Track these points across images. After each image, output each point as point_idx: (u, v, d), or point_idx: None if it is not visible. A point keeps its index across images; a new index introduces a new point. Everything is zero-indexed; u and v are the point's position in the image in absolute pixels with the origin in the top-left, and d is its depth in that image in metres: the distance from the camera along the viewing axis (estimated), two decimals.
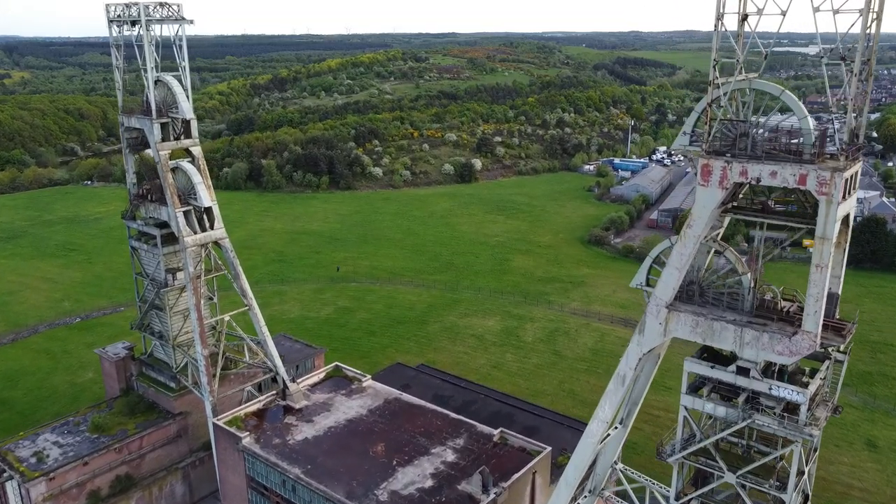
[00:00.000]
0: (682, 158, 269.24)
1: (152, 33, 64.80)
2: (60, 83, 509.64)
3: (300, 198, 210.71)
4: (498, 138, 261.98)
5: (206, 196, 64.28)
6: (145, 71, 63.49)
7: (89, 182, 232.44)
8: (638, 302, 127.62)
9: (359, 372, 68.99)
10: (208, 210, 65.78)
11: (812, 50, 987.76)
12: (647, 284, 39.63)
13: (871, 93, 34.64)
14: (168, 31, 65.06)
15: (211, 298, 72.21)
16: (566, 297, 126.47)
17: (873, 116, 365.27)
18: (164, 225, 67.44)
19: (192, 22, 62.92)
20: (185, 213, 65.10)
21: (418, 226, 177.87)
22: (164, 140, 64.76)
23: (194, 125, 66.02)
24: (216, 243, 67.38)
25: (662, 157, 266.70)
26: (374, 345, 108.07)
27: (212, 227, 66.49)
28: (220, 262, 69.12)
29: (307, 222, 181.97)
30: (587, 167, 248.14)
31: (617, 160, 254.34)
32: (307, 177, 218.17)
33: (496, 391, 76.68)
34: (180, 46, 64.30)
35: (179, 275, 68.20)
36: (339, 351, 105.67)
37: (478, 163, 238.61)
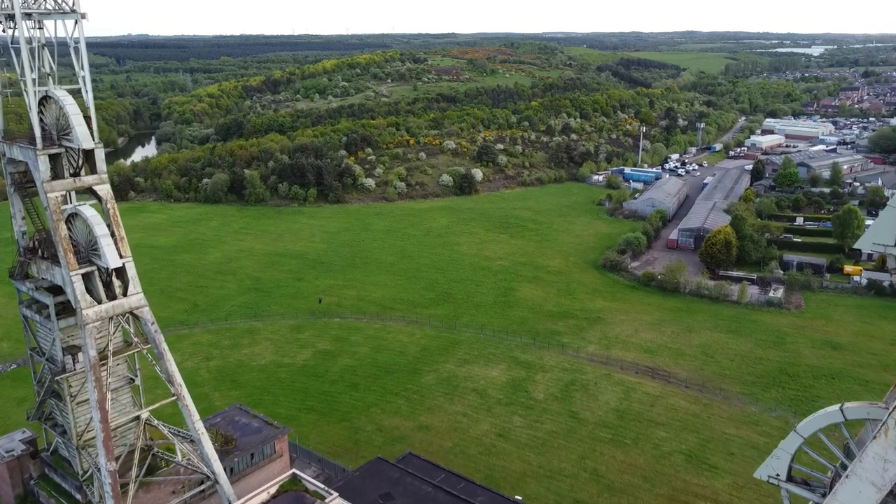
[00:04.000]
0: (696, 168, 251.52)
1: (45, 32, 47.96)
2: None
3: (285, 212, 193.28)
4: (500, 146, 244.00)
5: (112, 254, 47.04)
6: (25, 84, 46.42)
7: None
8: (666, 346, 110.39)
9: (322, 486, 51.68)
10: (119, 271, 48.69)
11: (816, 51, 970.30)
12: (790, 478, 22.41)
13: (887, 96, 17.56)
14: (66, 30, 48.24)
15: (132, 380, 55.18)
16: (581, 339, 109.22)
17: (892, 121, 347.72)
18: (59, 290, 50.32)
19: (84, 16, 45.78)
20: (86, 276, 47.95)
21: (413, 246, 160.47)
22: (54, 178, 47.67)
23: (100, 157, 48.86)
24: (133, 314, 50.31)
25: (676, 167, 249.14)
26: (356, 403, 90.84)
27: (125, 294, 49.34)
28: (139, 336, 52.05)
29: (290, 242, 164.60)
30: (596, 177, 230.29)
31: (627, 170, 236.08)
32: (293, 189, 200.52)
33: (503, 498, 59.21)
34: (77, 49, 47.31)
35: (82, 356, 51.07)
36: (314, 411, 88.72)
37: (478, 173, 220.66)
